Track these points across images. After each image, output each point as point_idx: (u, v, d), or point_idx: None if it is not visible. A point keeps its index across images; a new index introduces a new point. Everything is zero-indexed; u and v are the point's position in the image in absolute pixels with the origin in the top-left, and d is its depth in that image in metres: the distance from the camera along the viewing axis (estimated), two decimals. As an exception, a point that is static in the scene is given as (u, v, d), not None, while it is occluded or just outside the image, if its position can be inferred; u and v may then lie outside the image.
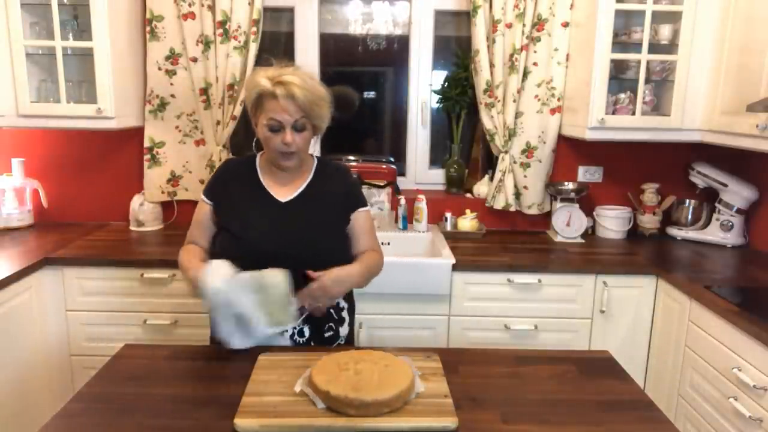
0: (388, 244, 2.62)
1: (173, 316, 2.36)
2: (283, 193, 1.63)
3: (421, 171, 2.99)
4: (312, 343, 1.61)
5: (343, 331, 1.69)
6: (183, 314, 2.36)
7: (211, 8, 2.56)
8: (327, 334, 1.64)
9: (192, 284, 1.48)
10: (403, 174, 2.97)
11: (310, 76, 1.56)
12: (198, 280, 1.43)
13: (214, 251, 1.62)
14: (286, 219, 1.60)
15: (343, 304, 1.70)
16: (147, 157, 2.75)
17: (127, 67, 2.56)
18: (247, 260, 1.48)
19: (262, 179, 1.65)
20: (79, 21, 2.48)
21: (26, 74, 2.38)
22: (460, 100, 2.83)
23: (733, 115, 2.23)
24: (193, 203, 2.80)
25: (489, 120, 2.69)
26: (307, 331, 1.60)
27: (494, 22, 2.57)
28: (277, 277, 1.43)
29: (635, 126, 2.47)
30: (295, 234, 1.58)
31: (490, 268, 2.34)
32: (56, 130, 2.73)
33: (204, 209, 1.67)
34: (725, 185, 2.60)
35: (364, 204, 1.72)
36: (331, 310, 1.65)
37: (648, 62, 2.43)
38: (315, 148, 2.18)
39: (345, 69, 2.97)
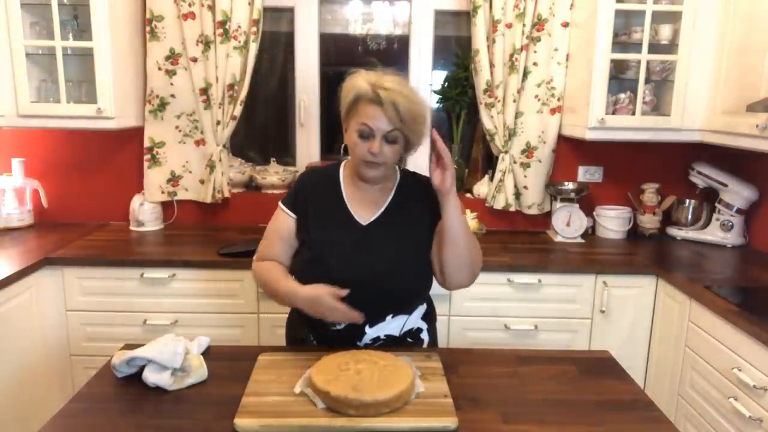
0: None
1: (173, 316, 2.36)
2: (365, 211, 1.52)
3: (422, 171, 2.97)
4: None
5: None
6: (183, 314, 2.36)
7: (211, 8, 2.56)
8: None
9: (294, 298, 1.42)
10: (403, 174, 2.97)
11: (414, 90, 1.44)
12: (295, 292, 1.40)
13: (293, 272, 1.53)
14: (368, 244, 1.48)
15: (423, 325, 1.60)
16: (147, 157, 2.75)
17: (127, 67, 2.56)
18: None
19: (344, 193, 1.54)
20: (79, 21, 2.48)
21: (26, 74, 2.38)
22: (460, 100, 2.83)
23: (733, 115, 2.23)
24: (194, 203, 2.85)
25: (489, 120, 2.69)
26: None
27: (494, 22, 2.57)
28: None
29: (635, 126, 2.47)
30: (377, 261, 1.46)
31: (490, 268, 2.33)
32: (56, 130, 2.73)
33: (286, 223, 1.54)
34: (725, 185, 2.60)
35: None
36: (408, 339, 1.57)
37: (648, 62, 2.42)
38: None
39: (345, 69, 2.96)
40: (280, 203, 1.57)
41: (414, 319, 1.57)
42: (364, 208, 1.53)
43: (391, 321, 1.51)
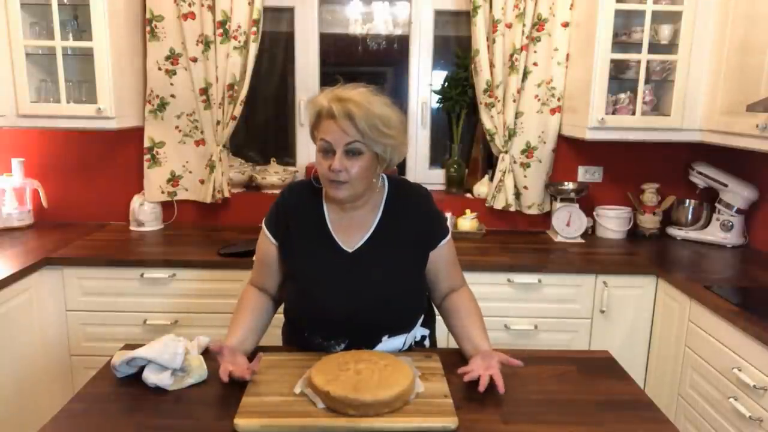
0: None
1: (173, 316, 2.36)
2: (351, 237, 1.44)
3: (421, 171, 2.99)
4: None
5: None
6: (183, 314, 2.36)
7: (211, 8, 2.56)
8: None
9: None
10: (403, 174, 2.97)
11: (382, 101, 1.34)
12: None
13: (284, 299, 1.52)
14: (356, 274, 1.41)
15: (425, 332, 1.59)
16: (147, 157, 2.74)
17: (127, 67, 2.56)
18: (316, 318, 1.42)
19: (327, 218, 1.45)
20: (79, 21, 2.48)
21: (26, 74, 2.38)
22: (460, 100, 2.82)
23: (733, 115, 2.22)
24: (194, 203, 2.85)
25: (489, 120, 2.69)
26: None
27: (494, 22, 2.57)
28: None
29: (635, 126, 2.47)
30: (366, 291, 1.40)
31: (490, 268, 2.33)
32: (56, 130, 2.73)
33: (269, 249, 1.48)
34: (725, 185, 2.60)
35: (445, 233, 1.51)
36: (413, 343, 1.55)
37: (648, 62, 2.43)
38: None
39: (345, 69, 2.97)
40: (263, 224, 1.51)
41: (414, 333, 1.54)
42: (350, 233, 1.44)
43: (388, 341, 1.46)
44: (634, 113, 2.47)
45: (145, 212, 2.74)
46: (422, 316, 1.56)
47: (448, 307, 1.53)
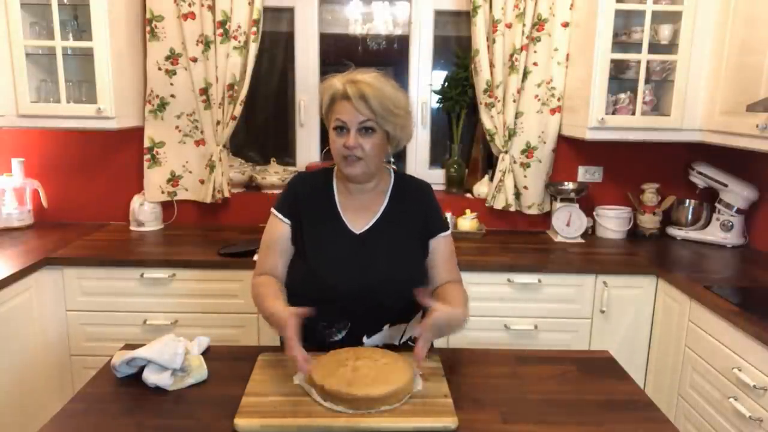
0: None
1: (173, 316, 2.36)
2: (359, 220, 1.50)
3: (421, 171, 2.99)
4: None
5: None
6: (183, 314, 2.36)
7: (211, 8, 2.56)
8: None
9: (270, 321, 1.37)
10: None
11: (392, 84, 1.42)
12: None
13: (288, 284, 1.50)
14: (362, 256, 1.46)
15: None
16: (147, 157, 2.74)
17: (127, 67, 2.56)
18: (319, 298, 1.41)
19: (337, 201, 1.51)
20: (79, 21, 2.48)
21: (26, 74, 2.38)
22: (460, 100, 2.83)
23: (733, 115, 2.22)
24: (194, 203, 2.85)
25: (489, 120, 2.69)
26: None
27: (494, 22, 2.57)
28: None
29: (635, 126, 2.47)
30: (371, 273, 1.44)
31: (490, 268, 2.34)
32: (56, 130, 2.73)
33: (280, 230, 1.51)
34: (725, 185, 2.60)
35: (445, 228, 1.56)
36: (410, 342, 1.56)
37: (648, 62, 2.43)
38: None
39: (345, 69, 2.97)
40: (273, 210, 1.55)
41: (413, 326, 1.54)
42: (358, 216, 1.50)
43: (388, 330, 1.49)
44: (634, 113, 2.47)
45: (145, 212, 2.74)
46: (422, 310, 1.56)
47: (438, 292, 1.52)
